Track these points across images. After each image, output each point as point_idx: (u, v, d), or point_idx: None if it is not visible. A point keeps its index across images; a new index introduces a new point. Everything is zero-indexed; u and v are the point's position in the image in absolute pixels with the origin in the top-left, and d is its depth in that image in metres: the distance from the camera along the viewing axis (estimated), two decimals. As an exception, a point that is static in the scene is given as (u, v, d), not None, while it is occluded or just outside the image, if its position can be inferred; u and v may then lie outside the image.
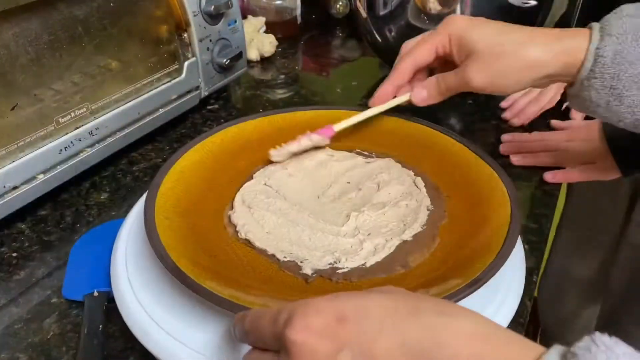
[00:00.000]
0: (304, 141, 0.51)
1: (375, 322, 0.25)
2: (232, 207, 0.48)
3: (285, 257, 0.42)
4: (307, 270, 0.41)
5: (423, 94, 0.49)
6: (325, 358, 0.25)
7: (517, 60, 0.44)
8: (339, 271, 0.41)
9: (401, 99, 0.50)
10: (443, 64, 0.49)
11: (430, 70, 0.53)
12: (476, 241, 0.42)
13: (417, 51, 0.48)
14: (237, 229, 0.45)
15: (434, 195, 0.49)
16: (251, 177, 0.51)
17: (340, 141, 0.55)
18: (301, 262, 0.42)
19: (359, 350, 0.25)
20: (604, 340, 0.22)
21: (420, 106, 0.50)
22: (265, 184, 0.50)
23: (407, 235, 0.44)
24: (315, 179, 0.51)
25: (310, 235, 0.44)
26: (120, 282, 0.41)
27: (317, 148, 0.54)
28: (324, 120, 0.54)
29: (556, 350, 0.23)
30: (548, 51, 0.43)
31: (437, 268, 0.41)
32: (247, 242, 0.44)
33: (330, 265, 0.41)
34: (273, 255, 0.43)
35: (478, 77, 0.45)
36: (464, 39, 0.45)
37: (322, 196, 0.49)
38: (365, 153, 0.55)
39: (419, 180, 0.50)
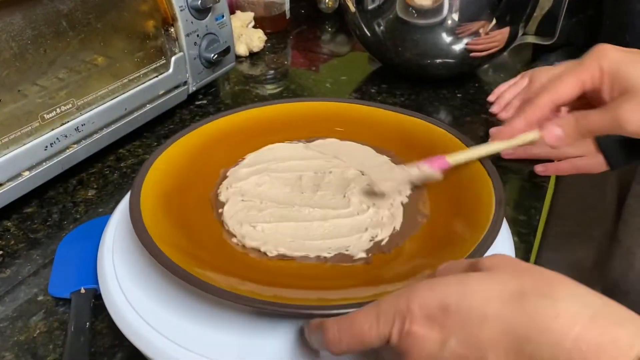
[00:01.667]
0: (413, 171, 0.46)
1: (479, 309, 0.25)
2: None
3: (329, 253, 0.40)
4: (359, 254, 0.40)
5: (558, 133, 0.42)
6: (435, 347, 0.26)
7: None
8: (382, 243, 0.41)
9: (529, 136, 0.43)
10: (583, 101, 0.43)
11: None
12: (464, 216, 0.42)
13: (561, 85, 0.41)
14: (239, 239, 0.42)
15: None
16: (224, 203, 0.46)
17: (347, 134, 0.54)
18: (346, 250, 0.41)
19: (465, 338, 0.25)
20: None
21: (554, 146, 0.44)
22: (242, 200, 0.46)
23: (403, 198, 0.45)
24: (287, 177, 0.49)
25: (320, 225, 0.43)
26: (107, 278, 0.40)
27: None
28: (315, 113, 0.54)
29: None
30: None
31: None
32: (281, 256, 0.41)
33: (372, 241, 0.41)
34: (306, 256, 0.40)
35: (635, 119, 0.38)
36: (621, 73, 0.39)
37: (305, 190, 0.47)
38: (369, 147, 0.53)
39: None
